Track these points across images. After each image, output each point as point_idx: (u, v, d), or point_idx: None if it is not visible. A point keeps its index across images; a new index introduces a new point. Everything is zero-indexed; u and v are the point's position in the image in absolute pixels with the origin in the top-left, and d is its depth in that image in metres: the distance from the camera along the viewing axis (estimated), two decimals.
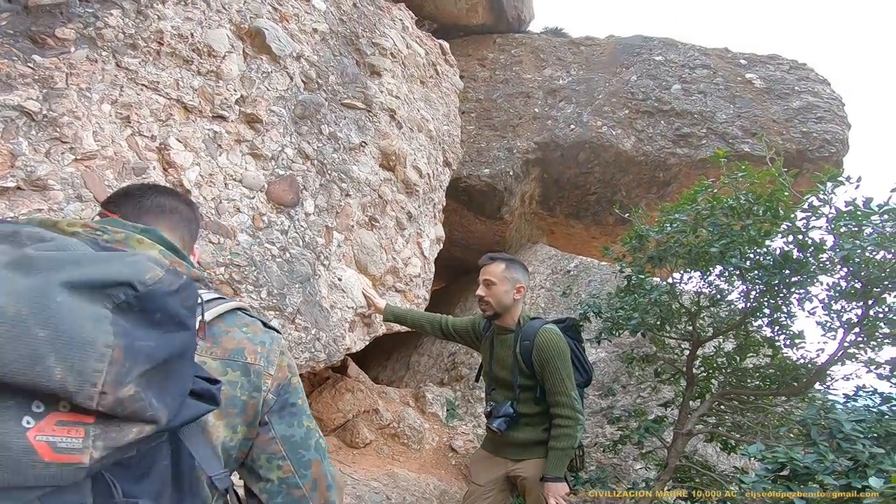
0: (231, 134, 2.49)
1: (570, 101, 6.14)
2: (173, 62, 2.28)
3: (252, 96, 2.62)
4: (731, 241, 2.63)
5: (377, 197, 3.34)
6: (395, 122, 3.61)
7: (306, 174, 2.85)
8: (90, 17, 1.97)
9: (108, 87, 2.02)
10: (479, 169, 5.74)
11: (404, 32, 4.15)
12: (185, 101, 2.29)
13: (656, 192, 6.01)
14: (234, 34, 2.59)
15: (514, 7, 7.45)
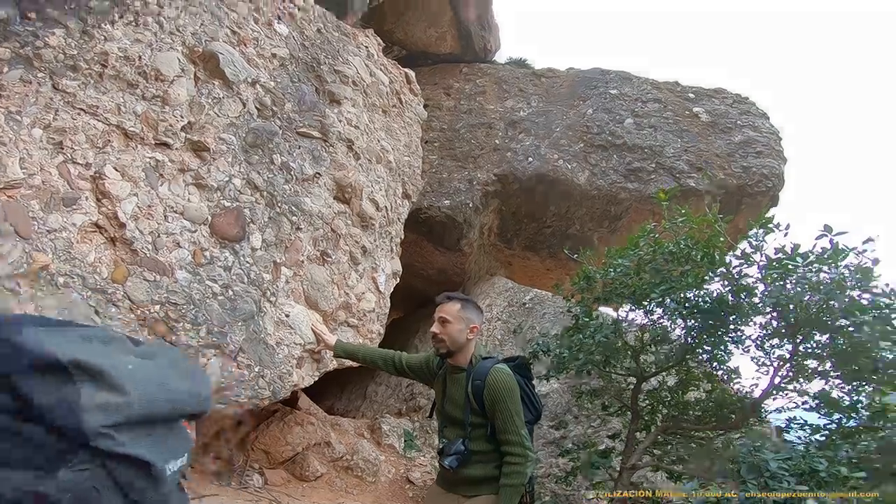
0: (175, 163, 2.35)
1: (529, 133, 6.28)
2: (116, 85, 2.15)
3: (200, 123, 2.48)
4: (671, 287, 2.72)
5: (330, 231, 3.19)
6: (353, 152, 3.51)
7: (254, 206, 2.70)
8: (29, 35, 1.84)
9: (41, 111, 1.88)
10: (439, 200, 5.76)
11: (369, 60, 4.08)
12: (126, 127, 2.16)
13: (608, 227, 6.19)
14: (186, 57, 2.48)
15: (481, 37, 7.64)
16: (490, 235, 6.49)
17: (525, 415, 2.28)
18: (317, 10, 3.60)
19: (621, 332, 3.24)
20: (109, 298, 2.01)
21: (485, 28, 7.64)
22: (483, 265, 6.63)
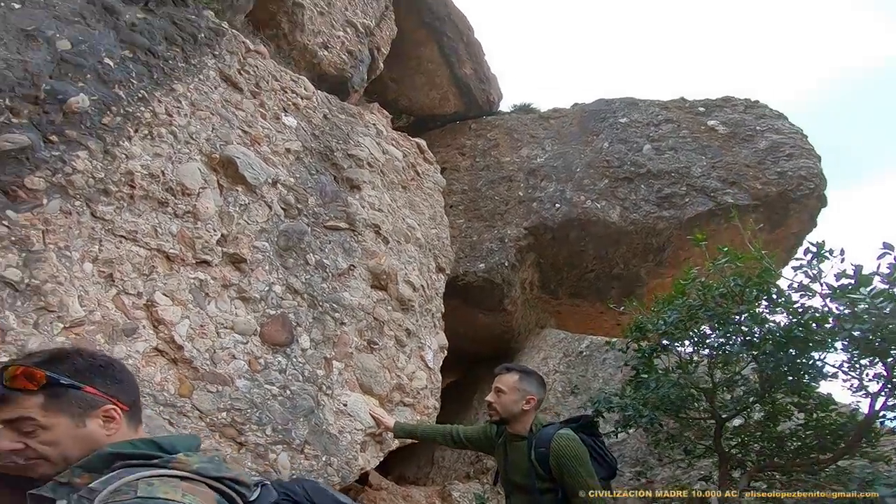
0: (217, 280, 2.57)
1: (550, 178, 6.46)
2: (148, 206, 2.38)
3: (233, 234, 2.71)
4: (732, 330, 2.74)
5: (373, 319, 3.37)
6: (381, 237, 3.72)
7: (297, 310, 2.91)
8: (57, 161, 2.03)
9: (86, 243, 2.10)
10: (474, 265, 5.91)
11: (379, 137, 4.34)
12: (166, 250, 2.39)
13: (653, 259, 6.14)
14: (206, 166, 2.71)
15: (482, 91, 8.09)
16: (532, 289, 6.53)
17: (598, 472, 2.32)
18: (319, 97, 3.90)
19: (689, 376, 3.19)
20: (180, 411, 2.23)
21: (483, 81, 8.10)
22: (531, 319, 6.63)
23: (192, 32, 2.92)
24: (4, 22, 2.03)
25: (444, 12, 7.42)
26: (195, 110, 2.79)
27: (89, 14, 2.39)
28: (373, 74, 6.32)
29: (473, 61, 7.91)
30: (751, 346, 2.84)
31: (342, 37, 5.54)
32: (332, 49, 5.32)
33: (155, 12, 2.75)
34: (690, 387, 3.17)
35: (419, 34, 7.38)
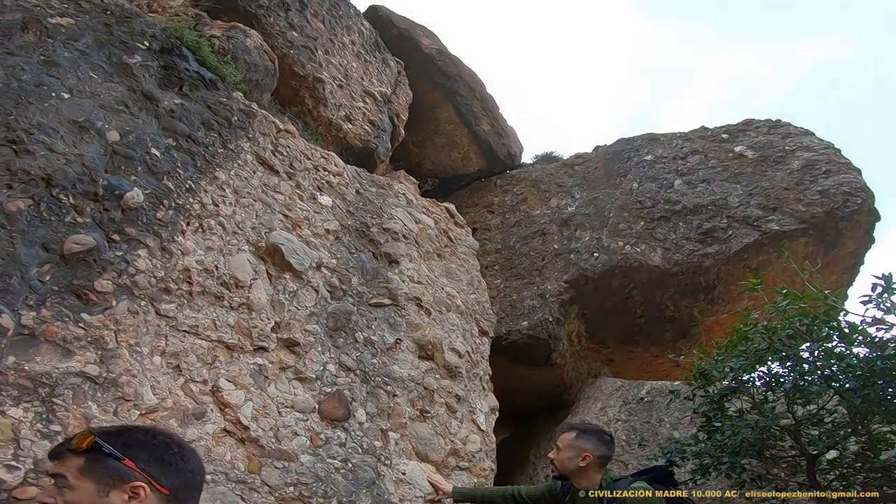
0: (274, 363, 2.82)
1: (584, 227, 6.60)
2: (206, 301, 2.64)
3: (285, 320, 2.97)
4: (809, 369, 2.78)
5: (423, 389, 3.56)
6: (423, 309, 3.95)
7: (351, 386, 3.14)
8: (121, 262, 2.28)
9: (153, 339, 2.35)
10: (517, 323, 5.98)
11: (410, 207, 4.65)
12: (226, 341, 2.64)
13: (704, 298, 6.09)
14: (254, 255, 3.00)
15: (502, 146, 8.39)
16: (580, 340, 6.52)
17: None
18: (350, 171, 4.24)
19: (767, 417, 3.16)
20: (250, 486, 2.43)
21: (501, 135, 8.41)
22: (582, 369, 6.58)
23: (226, 116, 3.29)
24: (58, 114, 2.34)
25: (454, 72, 7.89)
26: (238, 198, 3.11)
27: (131, 102, 2.73)
28: (395, 142, 6.72)
29: (490, 117, 8.29)
30: (831, 381, 2.85)
31: (363, 108, 6.00)
32: (355, 121, 5.75)
33: (190, 97, 3.11)
34: (771, 427, 3.17)
35: (433, 96, 7.85)
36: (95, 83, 2.61)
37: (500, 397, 4.30)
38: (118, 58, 2.79)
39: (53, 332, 1.98)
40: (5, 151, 2.08)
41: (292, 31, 5.08)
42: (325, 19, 5.74)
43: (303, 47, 5.11)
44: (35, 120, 2.23)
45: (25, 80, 2.30)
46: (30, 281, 1.97)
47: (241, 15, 4.61)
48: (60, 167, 2.23)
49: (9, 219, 1.99)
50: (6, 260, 1.92)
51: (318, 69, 5.21)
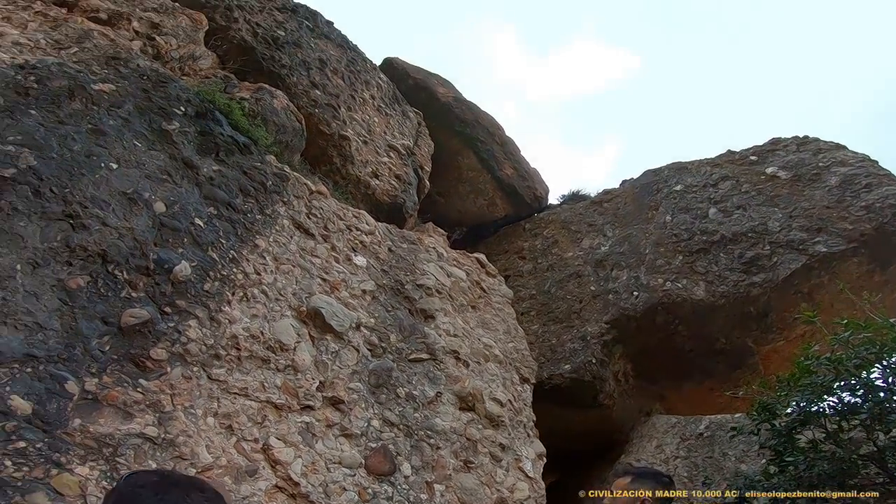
0: (321, 421, 2.98)
1: (620, 266, 6.62)
2: (254, 364, 2.85)
3: (329, 379, 3.15)
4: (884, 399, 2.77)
5: (466, 440, 3.62)
6: (462, 361, 4.07)
7: (396, 440, 3.24)
8: (174, 332, 2.55)
9: (207, 401, 2.55)
10: (559, 367, 5.96)
11: (441, 261, 4.86)
12: (275, 401, 2.83)
13: (757, 328, 5.97)
14: (296, 319, 3.22)
15: (527, 189, 8.53)
16: (627, 380, 6.43)
17: None
18: (381, 229, 4.49)
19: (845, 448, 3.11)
20: None
21: (525, 178, 8.57)
22: (631, 408, 6.45)
23: (262, 181, 3.59)
24: (108, 185, 2.63)
25: (471, 118, 8.21)
26: (278, 265, 3.36)
27: (173, 170, 3.04)
28: (422, 194, 6.98)
29: (512, 160, 8.49)
30: None
31: (388, 162, 6.31)
32: (381, 177, 6.05)
33: (226, 162, 3.42)
34: (851, 456, 3.10)
35: (453, 144, 8.14)
36: (140, 152, 2.92)
37: (547, 442, 4.32)
38: (158, 124, 3.14)
39: (115, 396, 2.19)
40: (64, 226, 2.34)
41: (315, 89, 5.47)
42: (345, 76, 6.16)
43: (326, 105, 5.48)
44: (88, 192, 2.51)
45: (77, 150, 2.60)
46: (91, 351, 2.19)
47: (267, 75, 5.03)
48: (114, 242, 2.49)
49: (70, 295, 2.22)
50: (69, 333, 2.14)
51: (343, 126, 5.56)
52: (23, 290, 2.06)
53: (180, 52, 4.00)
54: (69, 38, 3.22)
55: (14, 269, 2.07)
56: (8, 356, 1.91)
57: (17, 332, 1.97)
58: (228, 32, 4.95)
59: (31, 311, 2.05)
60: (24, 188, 2.25)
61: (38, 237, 2.20)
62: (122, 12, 3.84)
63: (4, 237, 2.10)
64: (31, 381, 1.93)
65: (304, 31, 5.93)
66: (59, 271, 2.22)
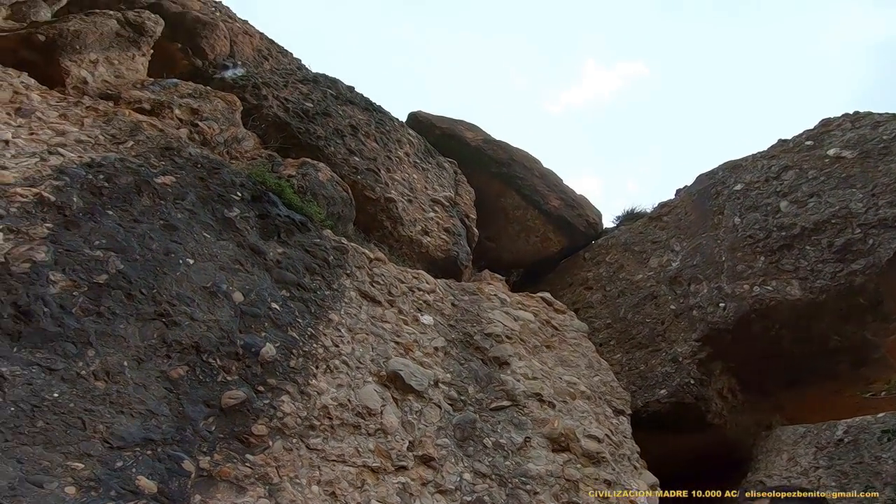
0: (415, 480, 3.19)
1: (697, 280, 6.57)
2: (347, 431, 3.13)
3: (417, 438, 3.40)
4: None
5: (565, 481, 3.69)
6: (546, 403, 4.19)
7: (490, 491, 3.37)
8: (269, 408, 2.88)
9: (309, 470, 2.82)
10: (653, 393, 5.91)
11: (505, 307, 5.09)
12: (370, 465, 3.08)
13: (873, 319, 5.71)
14: (378, 384, 3.54)
15: (578, 217, 8.66)
16: (735, 395, 6.24)
17: None
18: (441, 286, 4.82)
19: None
20: None
21: (574, 206, 8.74)
22: (747, 424, 6.23)
23: (324, 257, 4.02)
24: (189, 281, 3.07)
25: (505, 157, 8.58)
26: (353, 335, 3.73)
27: (243, 259, 3.49)
28: (472, 243, 7.28)
29: (556, 191, 8.72)
30: None
31: (434, 217, 6.70)
32: (431, 233, 6.42)
33: (289, 243, 3.87)
34: None
35: (493, 186, 8.49)
36: (210, 243, 3.40)
37: (660, 472, 4.31)
38: (220, 212, 3.64)
39: (227, 472, 2.49)
40: (158, 325, 2.77)
41: (353, 156, 5.99)
42: (377, 137, 6.69)
43: (367, 170, 5.97)
44: (173, 291, 2.95)
45: (155, 249, 3.07)
46: (200, 432, 2.54)
47: (306, 148, 5.59)
48: (204, 334, 2.90)
49: (174, 384, 2.59)
50: (179, 417, 2.49)
51: (386, 189, 6.02)
52: (132, 382, 2.44)
53: (224, 135, 4.61)
54: (123, 131, 3.80)
55: (122, 366, 2.46)
56: (130, 441, 2.25)
57: (133, 419, 2.33)
58: (262, 111, 5.61)
59: (143, 400, 2.42)
60: (118, 293, 2.68)
61: (137, 336, 2.61)
62: (163, 101, 4.48)
63: (110, 339, 2.51)
64: (152, 463, 2.25)
65: (330, 99, 6.55)
66: (161, 364, 2.61)
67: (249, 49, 6.60)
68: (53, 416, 2.11)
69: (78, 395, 2.23)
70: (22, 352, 2.20)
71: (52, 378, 2.21)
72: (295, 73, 6.64)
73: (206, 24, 6.06)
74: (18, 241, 2.51)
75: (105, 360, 2.40)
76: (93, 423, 2.20)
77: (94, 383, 2.31)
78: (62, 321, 2.38)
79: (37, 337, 2.28)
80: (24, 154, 3.02)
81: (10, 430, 1.98)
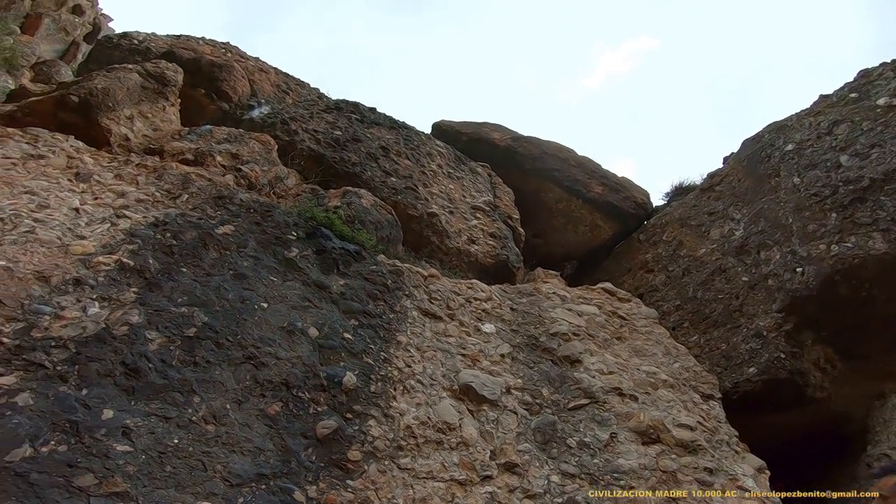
0: (502, 488, 3.44)
1: (766, 246, 6.62)
2: (431, 448, 3.43)
3: (498, 447, 3.65)
4: None
5: (661, 473, 3.84)
6: (627, 396, 4.37)
7: (580, 491, 3.58)
8: (359, 434, 3.24)
9: (403, 490, 3.12)
10: (741, 373, 5.96)
11: (566, 304, 5.32)
12: (458, 478, 3.35)
13: None
14: (453, 398, 3.84)
15: (625, 200, 8.83)
16: (834, 365, 6.19)
17: None
18: (496, 292, 5.09)
19: None
20: None
21: (619, 190, 8.92)
22: (853, 395, 6.12)
23: (382, 282, 4.40)
24: (268, 324, 3.49)
25: (537, 151, 8.88)
26: (422, 353, 4.08)
27: (311, 295, 3.92)
28: (520, 243, 7.53)
29: (596, 177, 8.94)
30: None
31: (478, 224, 7.01)
32: (478, 240, 6.72)
33: (348, 274, 4.28)
34: None
35: (531, 183, 8.76)
36: (278, 286, 3.83)
37: (764, 454, 4.38)
38: (281, 254, 4.09)
39: (332, 499, 2.83)
40: (248, 367, 3.17)
41: (390, 176, 6.37)
42: (408, 154, 7.08)
43: (405, 189, 6.35)
44: (255, 334, 3.37)
45: (231, 298, 3.51)
46: (303, 463, 2.90)
47: (344, 177, 6.02)
48: (290, 371, 3.31)
49: (273, 420, 2.97)
50: (282, 450, 2.88)
51: (427, 204, 6.38)
52: (237, 423, 2.82)
53: (267, 176, 5.09)
54: (175, 185, 4.29)
55: (225, 408, 2.85)
56: (246, 478, 2.63)
57: (244, 456, 2.71)
58: (295, 146, 6.08)
59: (249, 438, 2.80)
60: (207, 342, 3.11)
61: (233, 380, 3.02)
62: (203, 150, 4.97)
63: (210, 385, 2.91)
64: (267, 496, 2.62)
65: (356, 124, 6.99)
66: (258, 402, 3.01)
67: (268, 85, 7.10)
68: (178, 460, 2.50)
69: (194, 439, 2.62)
70: (139, 404, 2.62)
71: (169, 426, 2.61)
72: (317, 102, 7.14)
73: (223, 67, 6.57)
74: (113, 308, 2.98)
75: (210, 405, 2.80)
76: (211, 463, 2.58)
77: (205, 427, 2.70)
78: (166, 373, 2.80)
79: (148, 390, 2.70)
80: (95, 221, 3.51)
81: (146, 476, 2.38)
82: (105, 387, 2.60)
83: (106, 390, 2.59)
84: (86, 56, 9.95)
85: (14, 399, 2.41)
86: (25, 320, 2.75)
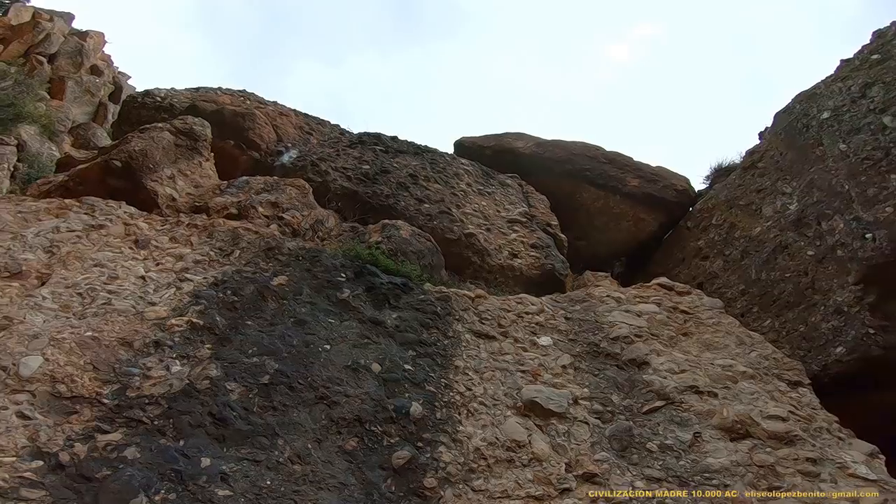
0: (583, 499, 3.58)
1: (825, 217, 6.62)
2: (503, 468, 3.63)
3: (573, 459, 3.80)
4: None
5: (757, 468, 3.87)
6: (704, 393, 4.42)
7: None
8: (432, 461, 3.48)
9: None
10: (828, 354, 5.91)
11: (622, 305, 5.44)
12: (534, 494, 3.52)
13: None
14: (518, 416, 4.03)
15: (665, 188, 8.94)
16: None
17: None
18: (547, 303, 5.27)
19: None
20: None
21: (655, 180, 9.05)
22: None
23: (432, 311, 4.67)
24: (333, 364, 3.84)
25: (563, 154, 9.11)
26: (481, 375, 4.31)
27: (368, 332, 4.28)
28: (563, 249, 7.72)
29: (630, 170, 9.10)
30: None
31: (517, 237, 7.25)
32: (520, 254, 6.95)
33: (399, 307, 4.60)
34: None
35: (564, 186, 8.99)
36: (336, 327, 4.17)
37: (874, 439, 4.33)
38: (334, 296, 4.44)
39: None
40: (322, 407, 3.49)
41: (422, 203, 6.70)
42: (436, 178, 7.42)
43: (440, 213, 6.66)
44: (324, 375, 3.70)
45: (296, 344, 3.87)
46: (385, 494, 3.18)
47: (379, 211, 6.37)
48: (360, 406, 3.61)
49: (351, 455, 3.26)
50: (364, 483, 3.18)
51: (463, 225, 6.66)
52: (320, 461, 3.12)
53: (308, 221, 5.53)
54: (226, 242, 4.72)
55: (307, 448, 3.16)
56: None
57: (331, 492, 3.02)
58: (328, 186, 6.48)
59: (333, 474, 3.10)
60: (281, 387, 3.47)
61: (310, 420, 3.34)
62: (244, 203, 5.40)
63: (290, 427, 3.24)
64: None
65: (381, 155, 7.37)
66: (336, 440, 3.32)
67: (292, 128, 7.57)
68: (273, 500, 2.81)
69: (283, 479, 2.94)
70: (230, 450, 2.98)
71: (260, 468, 2.94)
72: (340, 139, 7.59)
73: (245, 116, 7.05)
74: (192, 364, 3.38)
75: (293, 445, 3.12)
76: (303, 501, 2.87)
77: (292, 467, 3.01)
78: (249, 420, 3.15)
79: (236, 436, 3.05)
80: (161, 287, 3.97)
81: None
82: (199, 437, 2.96)
83: (200, 440, 2.95)
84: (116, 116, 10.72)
85: (123, 453, 2.80)
86: (119, 382, 3.17)
